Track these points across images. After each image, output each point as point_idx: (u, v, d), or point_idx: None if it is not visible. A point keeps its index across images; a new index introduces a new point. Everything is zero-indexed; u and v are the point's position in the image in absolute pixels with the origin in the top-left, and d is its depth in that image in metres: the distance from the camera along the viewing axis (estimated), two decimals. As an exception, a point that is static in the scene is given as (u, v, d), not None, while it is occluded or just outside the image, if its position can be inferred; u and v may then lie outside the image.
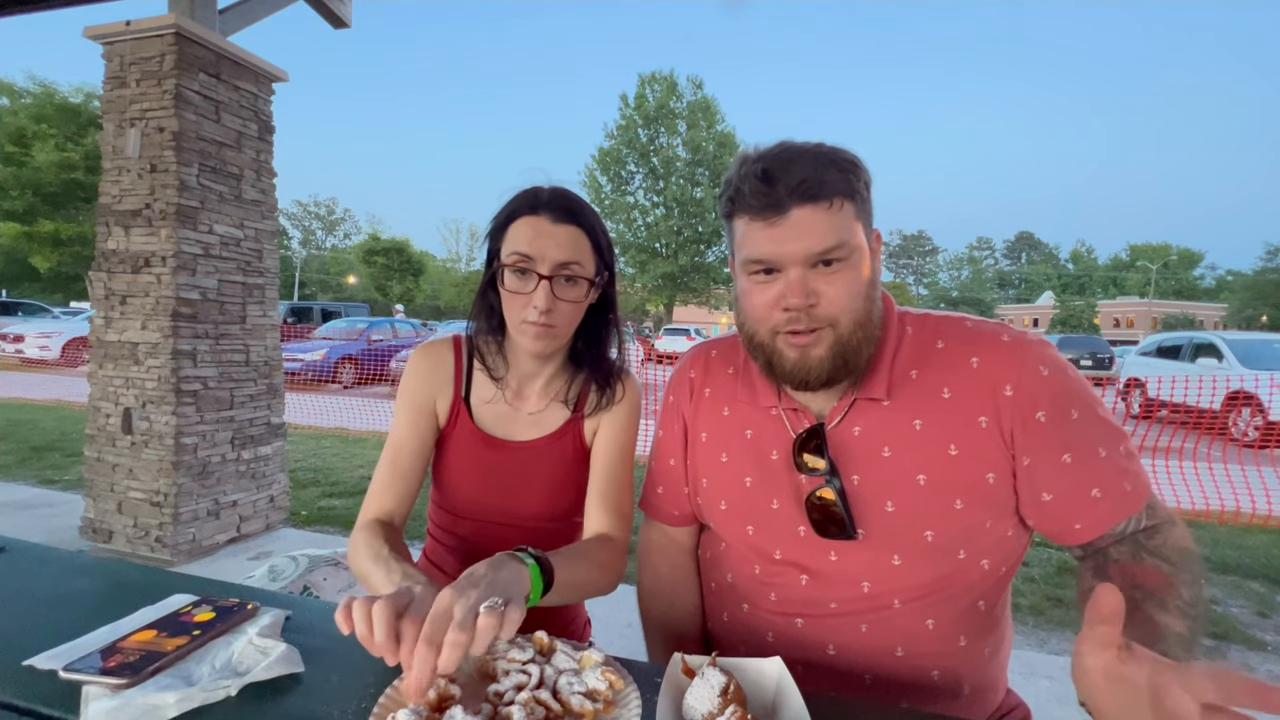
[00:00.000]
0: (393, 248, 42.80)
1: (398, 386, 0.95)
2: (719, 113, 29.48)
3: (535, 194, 0.86)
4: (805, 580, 0.77)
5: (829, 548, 0.75)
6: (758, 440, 0.82)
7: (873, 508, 0.73)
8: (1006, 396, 0.70)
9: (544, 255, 0.83)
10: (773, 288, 0.71)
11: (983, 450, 0.71)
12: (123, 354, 2.86)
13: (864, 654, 0.75)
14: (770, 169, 0.68)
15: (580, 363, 0.98)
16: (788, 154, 0.69)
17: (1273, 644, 2.44)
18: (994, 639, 0.78)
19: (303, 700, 0.57)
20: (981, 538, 0.72)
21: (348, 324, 12.10)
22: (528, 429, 0.96)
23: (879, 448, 0.74)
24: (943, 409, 0.73)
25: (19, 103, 19.93)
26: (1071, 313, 55.81)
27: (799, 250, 0.68)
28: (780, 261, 0.69)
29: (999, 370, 0.71)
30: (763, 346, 0.74)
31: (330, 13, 3.44)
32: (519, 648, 0.60)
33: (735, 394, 0.86)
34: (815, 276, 0.69)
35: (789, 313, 0.70)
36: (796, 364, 0.72)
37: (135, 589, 0.78)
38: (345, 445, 5.63)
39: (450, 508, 0.97)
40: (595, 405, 0.96)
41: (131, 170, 2.81)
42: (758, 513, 0.81)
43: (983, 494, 0.71)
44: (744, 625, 0.84)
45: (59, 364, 11.46)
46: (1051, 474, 0.70)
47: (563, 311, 0.85)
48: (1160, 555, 0.65)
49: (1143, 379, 9.11)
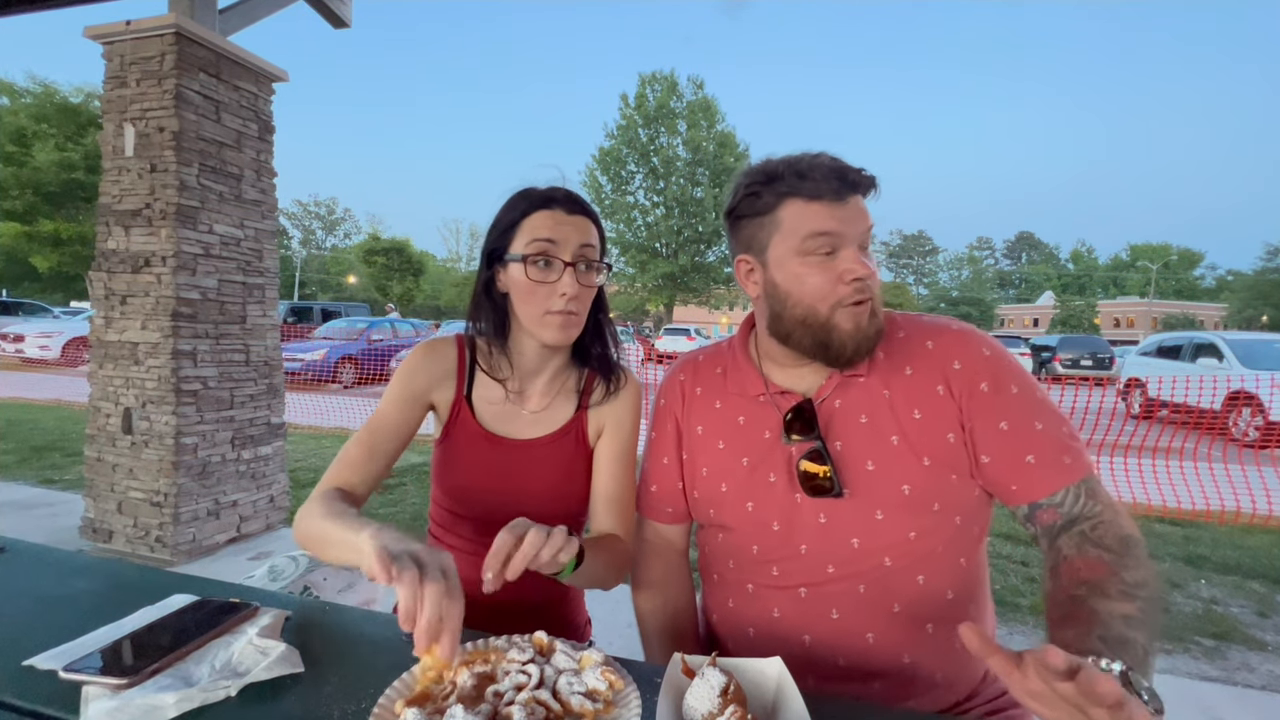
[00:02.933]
0: (393, 248, 42.78)
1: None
2: (719, 112, 29.44)
3: (546, 192, 0.90)
4: (804, 549, 0.83)
5: (819, 510, 0.83)
6: (750, 424, 0.90)
7: (854, 467, 0.82)
8: (955, 369, 0.81)
9: (567, 241, 0.86)
10: (835, 265, 0.79)
11: (941, 412, 0.80)
12: (123, 354, 2.86)
13: (865, 614, 0.80)
14: (839, 163, 0.80)
15: (584, 357, 0.99)
16: (832, 157, 0.82)
17: (1273, 644, 2.44)
18: (978, 597, 0.85)
19: (303, 700, 0.57)
20: (950, 492, 0.80)
21: (348, 324, 12.10)
22: (530, 427, 0.96)
23: (857, 415, 0.83)
24: (906, 381, 0.83)
25: (19, 102, 19.90)
26: (1072, 313, 55.80)
27: (860, 230, 0.79)
28: (845, 238, 0.79)
29: (949, 350, 0.83)
30: (821, 324, 0.81)
31: (330, 13, 3.44)
32: (519, 648, 0.60)
33: (725, 389, 0.94)
34: (864, 255, 0.80)
35: (858, 282, 0.78)
36: (852, 333, 0.80)
37: (135, 589, 0.78)
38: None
39: (452, 506, 0.97)
40: (601, 395, 0.98)
41: (131, 170, 2.81)
42: (758, 488, 0.87)
43: (946, 451, 0.80)
44: (749, 606, 0.87)
45: (59, 364, 11.45)
46: (989, 438, 0.78)
47: (584, 299, 0.89)
48: (1102, 545, 0.71)
49: (1143, 379, 9.11)
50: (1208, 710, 1.98)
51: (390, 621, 0.74)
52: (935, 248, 76.34)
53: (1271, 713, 2.00)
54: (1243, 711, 1.98)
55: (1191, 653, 2.35)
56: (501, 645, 0.62)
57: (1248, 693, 2.10)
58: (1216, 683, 2.16)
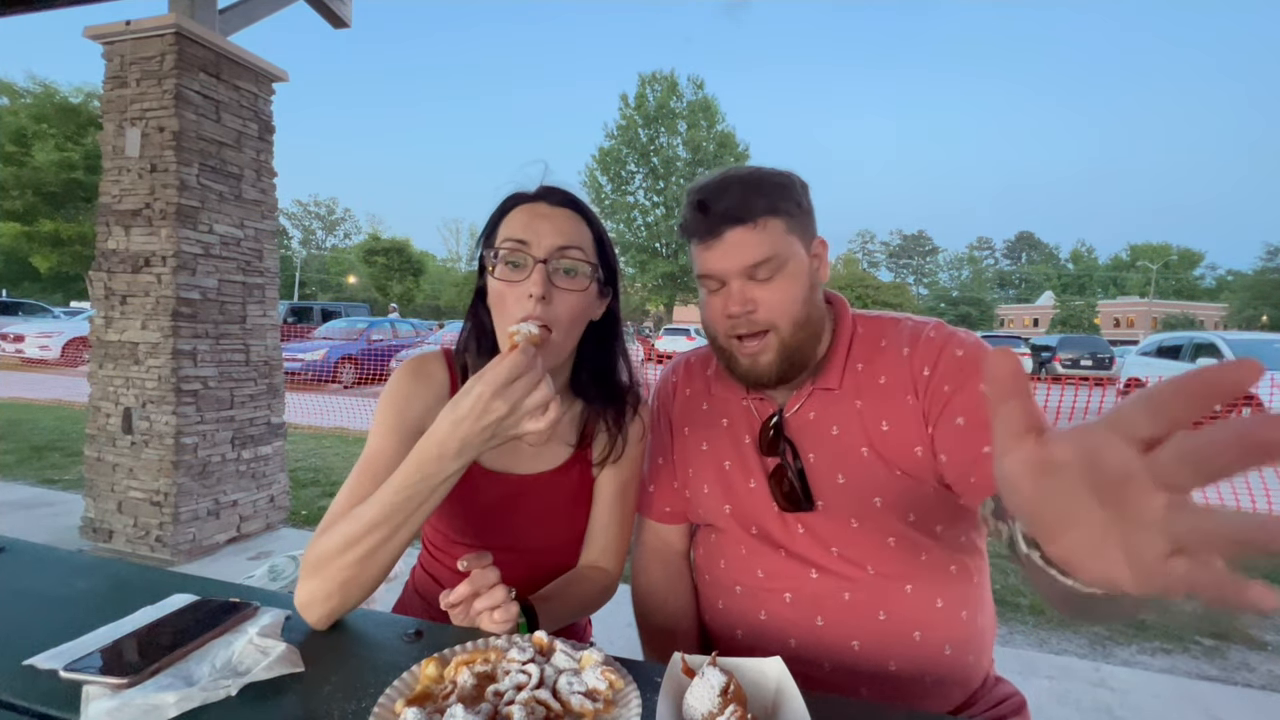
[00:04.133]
0: (393, 248, 42.79)
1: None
2: (719, 112, 29.47)
3: (531, 188, 0.82)
4: (785, 554, 0.84)
5: (797, 521, 0.84)
6: (733, 428, 0.92)
7: (826, 480, 0.82)
8: (924, 376, 0.79)
9: (540, 238, 0.75)
10: (719, 298, 0.81)
11: (908, 425, 0.79)
12: (123, 354, 2.86)
13: (850, 621, 0.80)
14: (705, 199, 0.79)
15: (585, 396, 0.91)
16: (722, 183, 0.80)
17: (1273, 644, 2.44)
18: (973, 603, 0.83)
19: (303, 700, 0.57)
20: (925, 501, 0.79)
21: (348, 324, 12.09)
22: (530, 461, 0.89)
23: (829, 427, 0.83)
24: (878, 391, 0.82)
25: (19, 103, 19.90)
26: (1072, 313, 55.83)
27: (733, 265, 0.78)
28: (722, 275, 0.79)
29: (922, 356, 0.80)
30: (721, 350, 0.85)
31: (330, 13, 3.44)
32: (519, 648, 0.60)
33: (710, 390, 0.96)
34: (753, 287, 0.79)
35: (732, 319, 0.80)
36: (748, 369, 0.82)
37: (135, 589, 0.78)
38: (345, 445, 5.63)
39: (446, 531, 0.93)
40: (605, 453, 0.90)
41: (131, 170, 2.81)
42: (738, 492, 0.89)
43: (914, 464, 0.79)
44: (738, 607, 0.88)
45: (59, 364, 11.45)
46: (947, 436, 0.76)
47: (561, 306, 0.75)
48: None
49: (1143, 379, 9.13)
50: (1208, 710, 1.98)
51: (390, 621, 0.74)
52: (935, 248, 76.37)
53: (1271, 713, 1.99)
54: (1243, 711, 1.98)
55: (1191, 653, 2.35)
56: (501, 645, 0.62)
57: (1248, 693, 2.10)
58: (1216, 683, 2.16)
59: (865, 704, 0.70)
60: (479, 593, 0.68)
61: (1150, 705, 1.98)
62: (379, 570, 0.68)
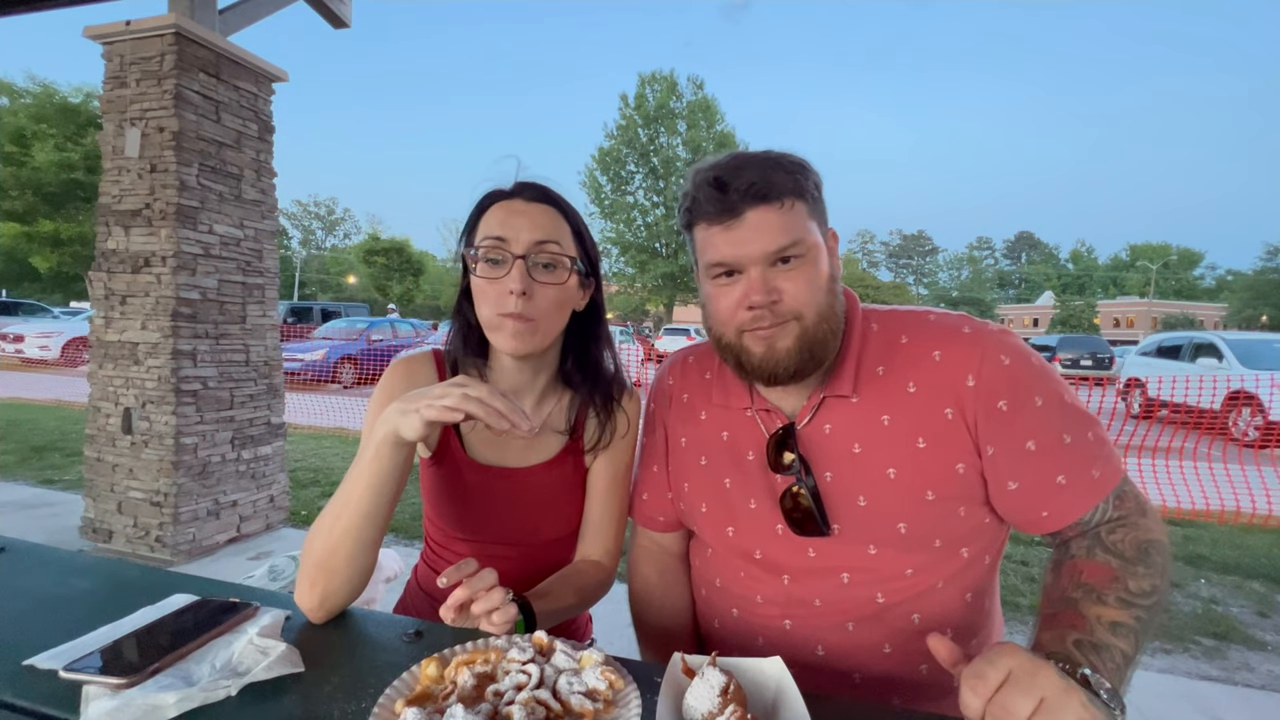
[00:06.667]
0: (393, 248, 42.76)
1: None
2: (719, 112, 29.45)
3: (507, 184, 0.83)
4: (787, 580, 0.78)
5: (807, 545, 0.77)
6: (734, 442, 0.84)
7: (845, 503, 0.75)
8: (969, 387, 0.71)
9: (518, 235, 0.78)
10: (736, 289, 0.73)
11: (950, 441, 0.72)
12: (123, 354, 2.86)
13: (853, 652, 0.76)
14: (722, 176, 0.71)
15: (573, 385, 0.92)
16: (737, 160, 0.72)
17: (1273, 644, 2.44)
18: (981, 630, 0.79)
19: (303, 700, 0.57)
20: (956, 526, 0.73)
21: (348, 324, 12.10)
22: (522, 454, 0.91)
23: (850, 444, 0.75)
24: (909, 403, 0.74)
25: (19, 103, 19.89)
26: (1071, 313, 55.80)
27: (757, 250, 0.70)
28: (740, 262, 0.71)
29: (961, 362, 0.72)
30: (731, 347, 0.76)
31: (330, 13, 3.44)
32: (519, 648, 0.60)
33: (710, 398, 0.87)
34: (775, 274, 0.71)
35: (753, 311, 0.71)
36: (764, 358, 0.73)
37: (135, 589, 0.78)
38: (345, 445, 5.63)
39: (445, 527, 0.94)
40: (595, 439, 0.91)
41: (131, 170, 2.81)
42: (738, 513, 0.82)
43: (953, 484, 0.72)
44: (734, 631, 0.84)
45: (59, 364, 11.45)
46: (1016, 462, 0.70)
47: (542, 300, 0.79)
48: (1114, 551, 0.66)
49: (1143, 379, 9.11)
50: (1208, 710, 1.98)
51: (390, 621, 0.74)
52: (935, 248, 76.44)
53: (1271, 713, 1.99)
54: (1243, 711, 1.98)
55: (1191, 653, 2.35)
56: (501, 645, 0.62)
57: (1248, 692, 2.10)
58: (1216, 683, 2.16)
59: (865, 704, 0.69)
60: (475, 597, 0.68)
61: (1150, 705, 1.98)
62: (353, 547, 0.71)
